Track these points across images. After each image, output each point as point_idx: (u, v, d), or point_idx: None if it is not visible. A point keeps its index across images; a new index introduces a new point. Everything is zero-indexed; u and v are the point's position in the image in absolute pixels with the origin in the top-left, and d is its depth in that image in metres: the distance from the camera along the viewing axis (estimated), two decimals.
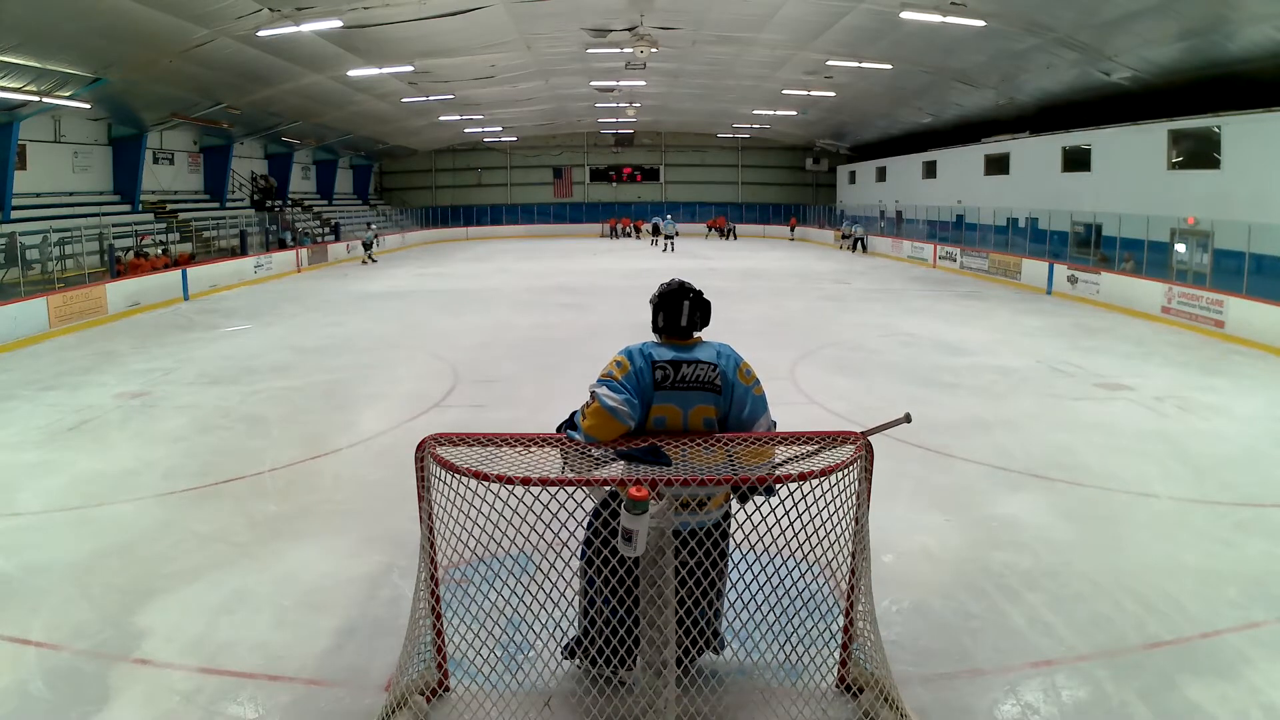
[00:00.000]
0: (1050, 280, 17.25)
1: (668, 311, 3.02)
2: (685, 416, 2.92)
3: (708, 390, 2.91)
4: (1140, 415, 7.47)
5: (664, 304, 3.03)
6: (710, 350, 3.01)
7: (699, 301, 3.06)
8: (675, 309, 3.01)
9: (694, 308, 3.03)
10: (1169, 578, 4.22)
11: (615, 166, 39.53)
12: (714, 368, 2.93)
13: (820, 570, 3.06)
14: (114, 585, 4.20)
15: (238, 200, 25.94)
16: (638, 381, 2.87)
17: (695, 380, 2.89)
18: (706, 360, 2.95)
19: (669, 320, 3.02)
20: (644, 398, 2.88)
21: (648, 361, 2.90)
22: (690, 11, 17.11)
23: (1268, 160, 13.19)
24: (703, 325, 3.09)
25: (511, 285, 18.68)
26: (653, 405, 2.90)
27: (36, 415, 7.70)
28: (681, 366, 2.91)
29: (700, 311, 3.06)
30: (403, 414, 7.56)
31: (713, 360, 2.96)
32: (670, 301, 3.03)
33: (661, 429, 2.92)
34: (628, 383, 2.86)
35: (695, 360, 2.93)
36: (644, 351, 2.94)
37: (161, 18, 13.21)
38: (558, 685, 3.16)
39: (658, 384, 2.89)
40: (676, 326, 3.02)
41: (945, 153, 25.87)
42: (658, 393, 2.89)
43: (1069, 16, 14.46)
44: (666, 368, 2.90)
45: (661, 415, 2.91)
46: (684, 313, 3.00)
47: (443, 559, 3.02)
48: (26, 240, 14.46)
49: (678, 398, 2.90)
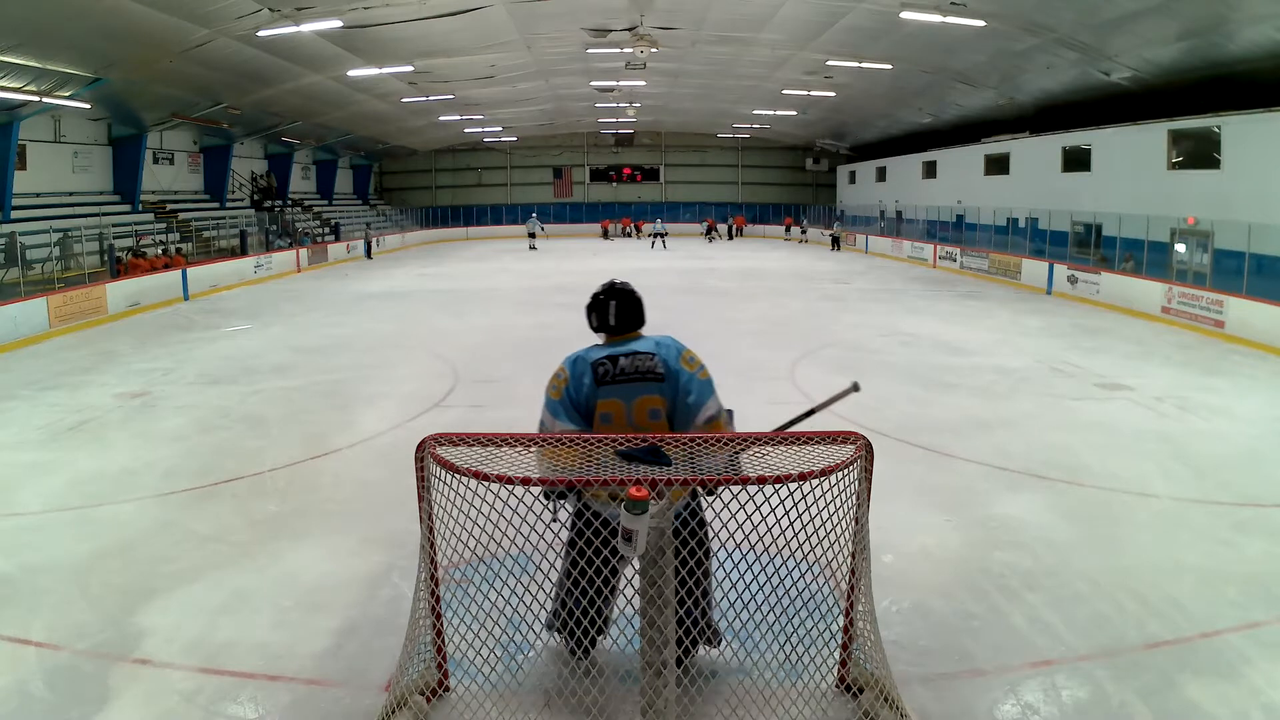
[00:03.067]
0: (1050, 280, 17.25)
1: (599, 312, 3.15)
2: (629, 409, 2.98)
3: (650, 380, 2.98)
4: (1140, 415, 7.46)
5: (594, 305, 3.17)
6: (649, 342, 3.09)
7: (626, 300, 3.15)
8: (604, 309, 3.13)
9: (621, 306, 3.12)
10: (1169, 578, 4.22)
11: (615, 166, 39.52)
12: (652, 356, 3.01)
13: (820, 570, 3.06)
14: (114, 585, 4.20)
15: (238, 200, 25.93)
16: (577, 389, 2.98)
17: (635, 371, 2.97)
18: (645, 351, 3.03)
19: (600, 320, 3.15)
20: (585, 403, 2.97)
21: (586, 364, 3.01)
22: (690, 11, 17.11)
23: (1268, 160, 13.18)
24: (636, 323, 3.17)
25: (511, 285, 18.68)
26: (598, 402, 2.97)
27: (36, 415, 7.70)
28: (619, 360, 3.00)
29: (629, 309, 3.15)
30: (403, 414, 7.56)
31: (651, 350, 3.04)
32: (598, 302, 3.16)
33: (608, 425, 2.98)
34: (566, 397, 2.98)
35: (633, 352, 3.02)
36: (583, 357, 3.05)
37: (161, 18, 13.21)
38: (558, 685, 3.16)
39: (600, 380, 2.97)
40: (607, 325, 3.13)
41: (945, 153, 25.87)
42: (600, 389, 2.97)
43: (1069, 16, 14.46)
44: (605, 363, 2.99)
45: (607, 411, 2.98)
46: (611, 312, 3.11)
47: (443, 559, 3.02)
48: (27, 240, 14.46)
49: (620, 391, 2.97)
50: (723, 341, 10.57)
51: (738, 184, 39.54)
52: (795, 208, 37.40)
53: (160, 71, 16.07)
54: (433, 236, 36.54)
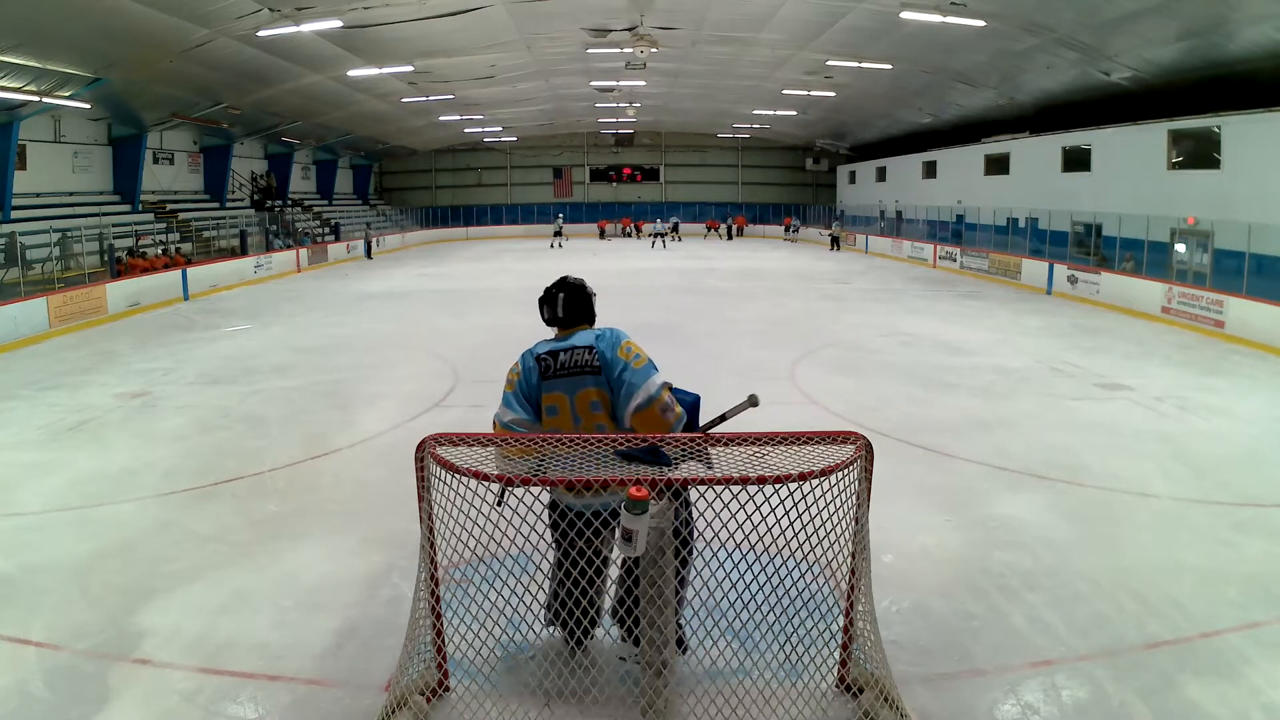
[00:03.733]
0: (1050, 280, 17.25)
1: (549, 305, 3.28)
2: (572, 402, 3.10)
3: (587, 373, 3.09)
4: (1140, 415, 7.46)
5: (544, 298, 3.30)
6: (589, 336, 3.19)
7: (573, 294, 3.27)
8: (553, 302, 3.27)
9: (567, 300, 3.25)
10: (1169, 578, 4.22)
11: (615, 166, 39.52)
12: (590, 350, 3.11)
13: (820, 570, 3.06)
14: (114, 585, 4.20)
15: (238, 200, 25.94)
16: (527, 381, 3.15)
17: (574, 365, 3.10)
18: (583, 345, 3.15)
19: (550, 313, 3.28)
20: (534, 395, 3.14)
21: (534, 358, 3.17)
22: (690, 11, 17.11)
23: (1268, 160, 13.19)
24: (581, 317, 3.27)
25: (511, 285, 18.66)
26: (543, 395, 3.12)
27: (36, 415, 7.70)
28: (559, 355, 3.13)
29: (575, 303, 3.26)
30: (403, 414, 7.56)
31: (590, 344, 3.14)
32: (548, 295, 3.29)
33: (554, 416, 3.11)
34: (519, 389, 3.15)
35: (571, 347, 3.14)
36: (532, 351, 3.20)
37: (161, 18, 13.21)
38: (558, 685, 3.16)
39: (544, 375, 3.12)
40: (556, 317, 3.27)
41: (945, 153, 25.87)
42: (545, 383, 3.12)
43: (1069, 16, 14.46)
44: (547, 359, 3.14)
45: (552, 404, 3.13)
46: (559, 304, 3.25)
47: (443, 559, 3.02)
48: (26, 240, 14.46)
49: (563, 384, 3.10)
50: (723, 341, 10.57)
51: (738, 184, 39.53)
52: (795, 208, 37.41)
53: (160, 71, 16.07)
54: (433, 236, 36.54)
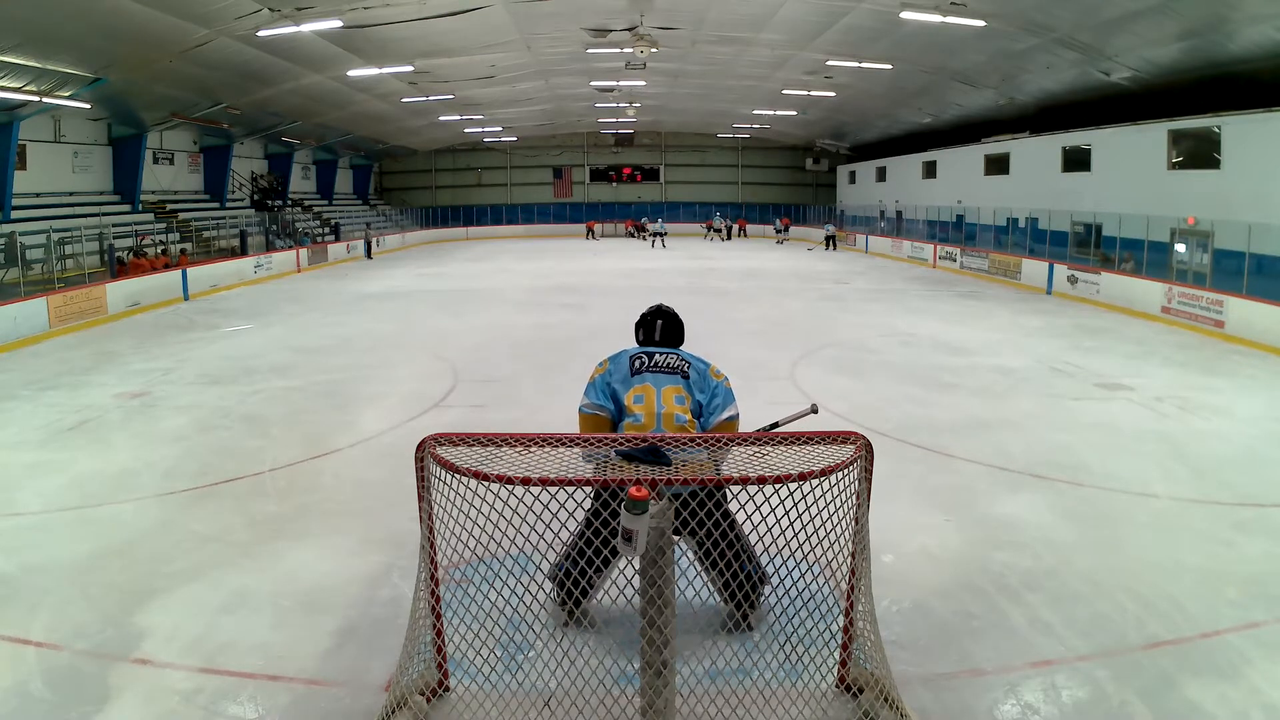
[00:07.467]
0: (1050, 280, 17.25)
1: (646, 329, 3.86)
2: (659, 392, 3.54)
3: (677, 374, 3.59)
4: (1140, 415, 7.46)
5: (642, 323, 3.89)
6: (682, 354, 3.71)
7: (670, 322, 3.85)
8: (650, 328, 3.85)
9: (665, 325, 3.83)
10: (1169, 578, 4.22)
11: (615, 166, 39.51)
12: (679, 357, 3.66)
13: (820, 570, 3.06)
14: (114, 585, 4.20)
15: (238, 200, 25.93)
16: (611, 375, 3.60)
17: (666, 366, 3.61)
18: (675, 354, 3.69)
19: (647, 336, 3.86)
20: (620, 386, 3.57)
21: (627, 356, 3.65)
22: (690, 11, 17.11)
23: (1268, 160, 13.19)
24: (675, 340, 3.82)
25: (511, 285, 18.67)
26: (632, 387, 3.55)
27: (36, 415, 7.70)
28: (655, 356, 3.65)
29: (671, 328, 3.82)
30: (403, 414, 7.56)
31: (682, 355, 3.69)
32: (646, 322, 3.88)
33: (640, 405, 3.52)
34: (599, 382, 3.60)
35: (666, 353, 3.68)
36: (627, 351, 3.70)
37: (161, 18, 13.21)
38: (558, 685, 3.16)
39: (635, 370, 3.58)
40: (652, 340, 3.83)
41: (945, 153, 25.87)
42: (635, 377, 3.56)
43: (1069, 16, 14.45)
44: (643, 357, 3.65)
45: (640, 393, 3.55)
46: (656, 330, 3.83)
47: (443, 559, 3.02)
48: (26, 240, 14.46)
49: (652, 378, 3.57)
50: (724, 341, 10.56)
51: (738, 184, 39.53)
52: (795, 208, 37.40)
53: (160, 71, 16.07)
54: (433, 236, 36.53)
